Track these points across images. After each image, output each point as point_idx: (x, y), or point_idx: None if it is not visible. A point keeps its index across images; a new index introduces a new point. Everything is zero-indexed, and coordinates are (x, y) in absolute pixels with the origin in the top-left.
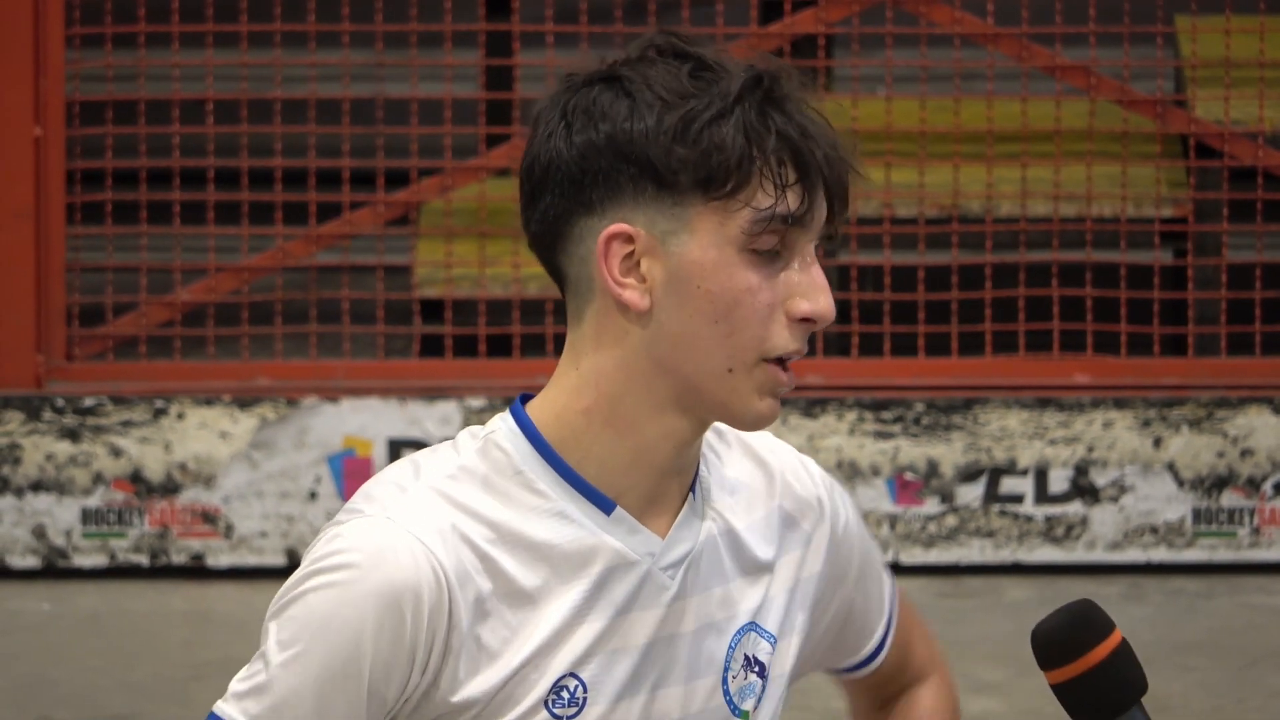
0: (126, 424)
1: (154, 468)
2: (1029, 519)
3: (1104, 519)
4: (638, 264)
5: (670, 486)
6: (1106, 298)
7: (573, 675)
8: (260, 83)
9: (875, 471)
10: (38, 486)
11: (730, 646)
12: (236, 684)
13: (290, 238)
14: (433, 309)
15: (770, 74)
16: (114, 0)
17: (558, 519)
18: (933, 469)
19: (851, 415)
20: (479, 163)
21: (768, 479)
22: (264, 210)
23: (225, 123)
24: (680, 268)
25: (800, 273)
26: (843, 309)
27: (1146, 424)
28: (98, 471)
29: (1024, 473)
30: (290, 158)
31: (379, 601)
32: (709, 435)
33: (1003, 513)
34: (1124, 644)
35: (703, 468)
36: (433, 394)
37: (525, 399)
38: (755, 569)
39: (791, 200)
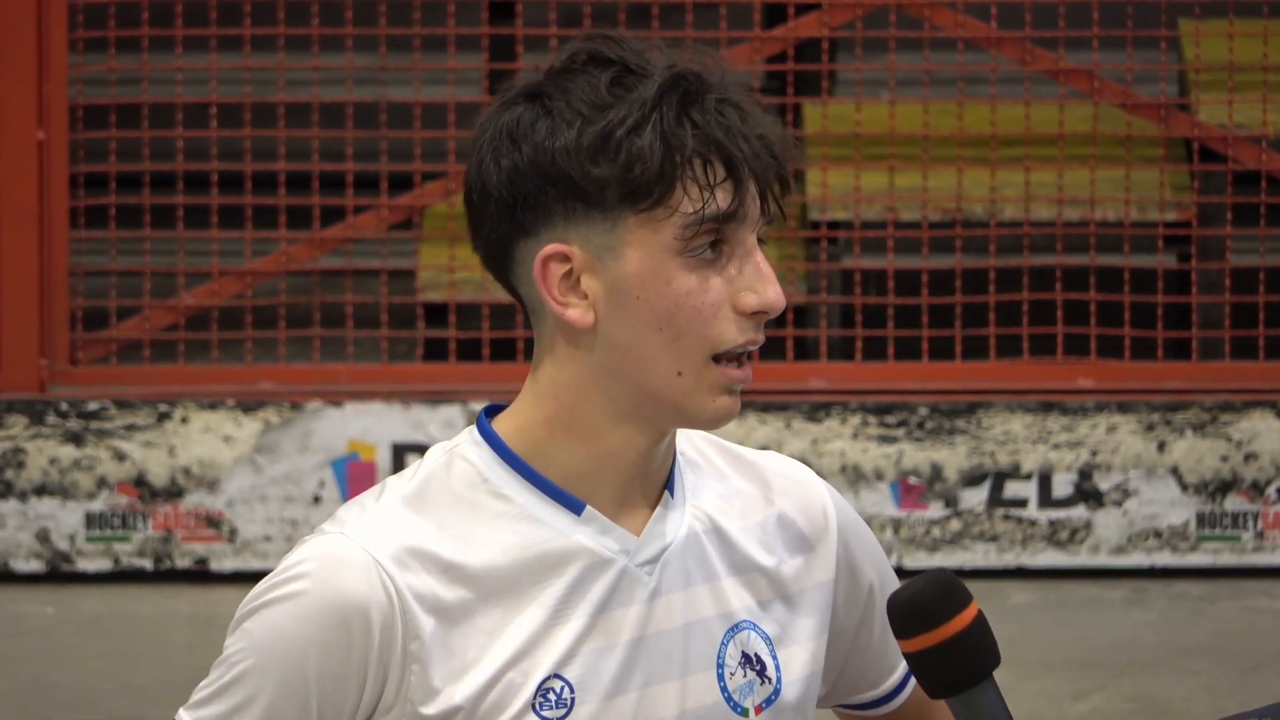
0: (130, 428)
1: (158, 472)
2: (1033, 523)
3: (1108, 523)
4: (577, 281)
5: (640, 487)
6: (1110, 302)
7: (557, 676)
8: (264, 86)
9: (879, 476)
10: (41, 490)
11: (723, 643)
12: (196, 692)
13: (294, 241)
14: (436, 313)
15: (690, 72)
16: (117, 4)
17: (527, 522)
18: (936, 473)
19: (855, 419)
20: None
21: (765, 490)
22: (267, 214)
23: (229, 127)
24: (618, 281)
25: (744, 266)
26: (846, 313)
27: (1150, 428)
28: (101, 475)
29: (1028, 477)
30: (294, 161)
31: (326, 619)
32: (706, 447)
33: (1006, 517)
34: (980, 617)
35: (688, 472)
36: (436, 398)
37: (492, 411)
38: (750, 569)
39: (721, 198)
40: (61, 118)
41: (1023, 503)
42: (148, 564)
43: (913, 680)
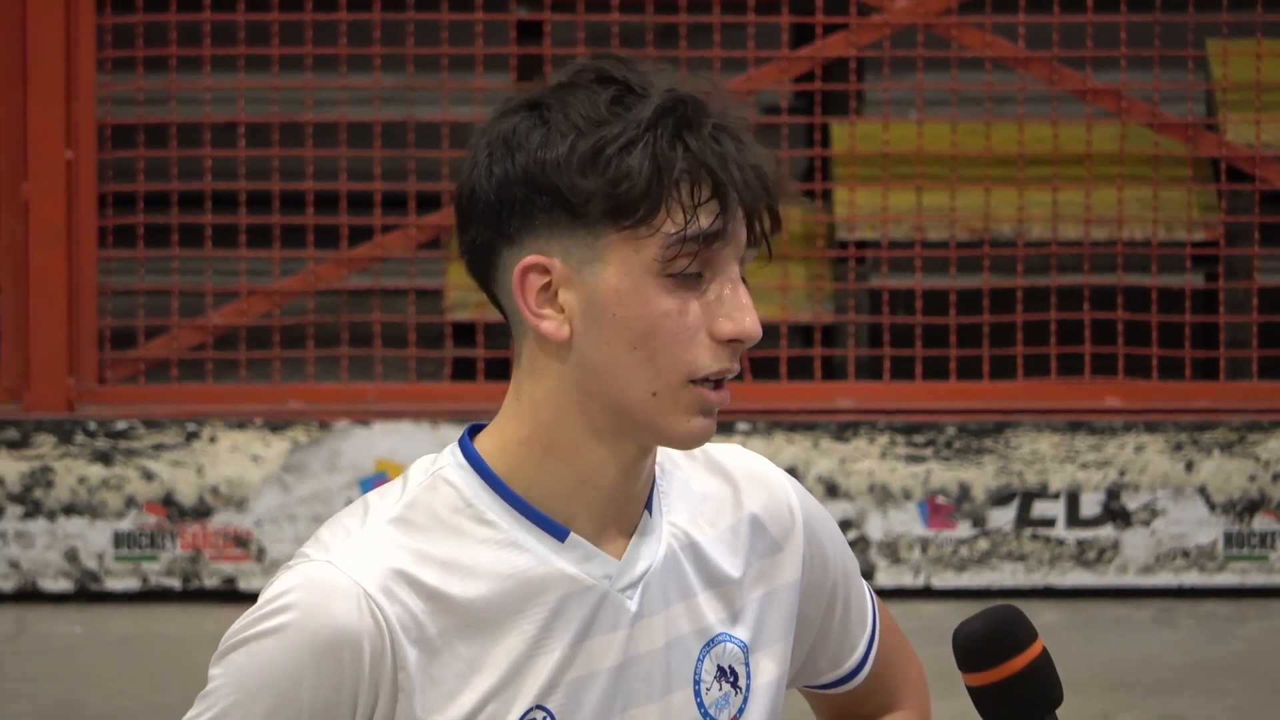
0: (158, 447)
1: (186, 491)
2: (1060, 543)
3: (1135, 543)
4: (555, 294)
5: (623, 507)
6: (1138, 321)
7: (540, 708)
8: (292, 106)
9: (907, 495)
10: (70, 510)
11: (699, 659)
12: None
13: (322, 261)
14: (464, 332)
15: (689, 97)
16: (145, 24)
17: (510, 549)
18: (964, 492)
19: (883, 439)
20: None
21: (733, 490)
22: (295, 233)
23: (256, 146)
24: (596, 296)
25: (724, 293)
26: (874, 333)
27: (1178, 448)
28: (130, 495)
29: (1055, 496)
30: (322, 181)
31: (317, 650)
32: (673, 450)
33: (1034, 536)
34: (1044, 654)
35: (662, 483)
36: (464, 417)
37: (474, 430)
38: (722, 580)
39: (704, 221)
40: (90, 137)
41: (1050, 522)
42: (176, 583)
43: (872, 657)
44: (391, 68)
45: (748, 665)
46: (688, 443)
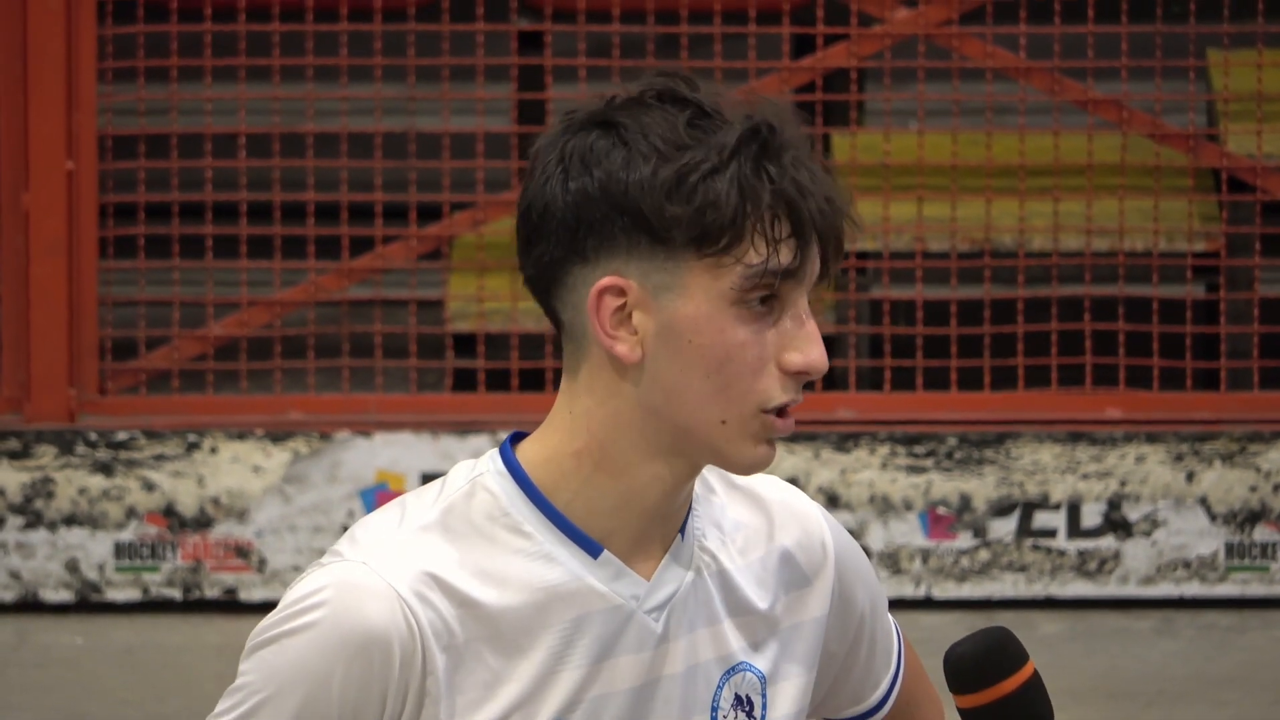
0: (159, 458)
1: (187, 502)
2: (1061, 553)
3: (1136, 553)
4: (630, 316)
5: (659, 529)
6: (1139, 332)
7: None
8: (292, 117)
9: (908, 506)
10: (71, 520)
11: (719, 686)
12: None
13: (322, 271)
14: (465, 343)
15: (768, 124)
16: (147, 34)
17: (543, 561)
18: (965, 503)
19: (884, 449)
20: (511, 196)
21: (767, 521)
22: (296, 244)
23: (257, 157)
24: (672, 322)
25: (793, 325)
26: (875, 343)
27: (1179, 458)
28: (130, 505)
29: (1056, 507)
30: (322, 191)
31: (348, 650)
32: (708, 475)
33: (1035, 547)
34: (1035, 676)
35: (697, 508)
36: (465, 428)
37: (516, 438)
38: (748, 610)
39: (784, 255)
40: (90, 148)
41: (1051, 533)
42: (177, 594)
43: (894, 695)
44: (392, 78)
45: (764, 696)
46: (750, 469)
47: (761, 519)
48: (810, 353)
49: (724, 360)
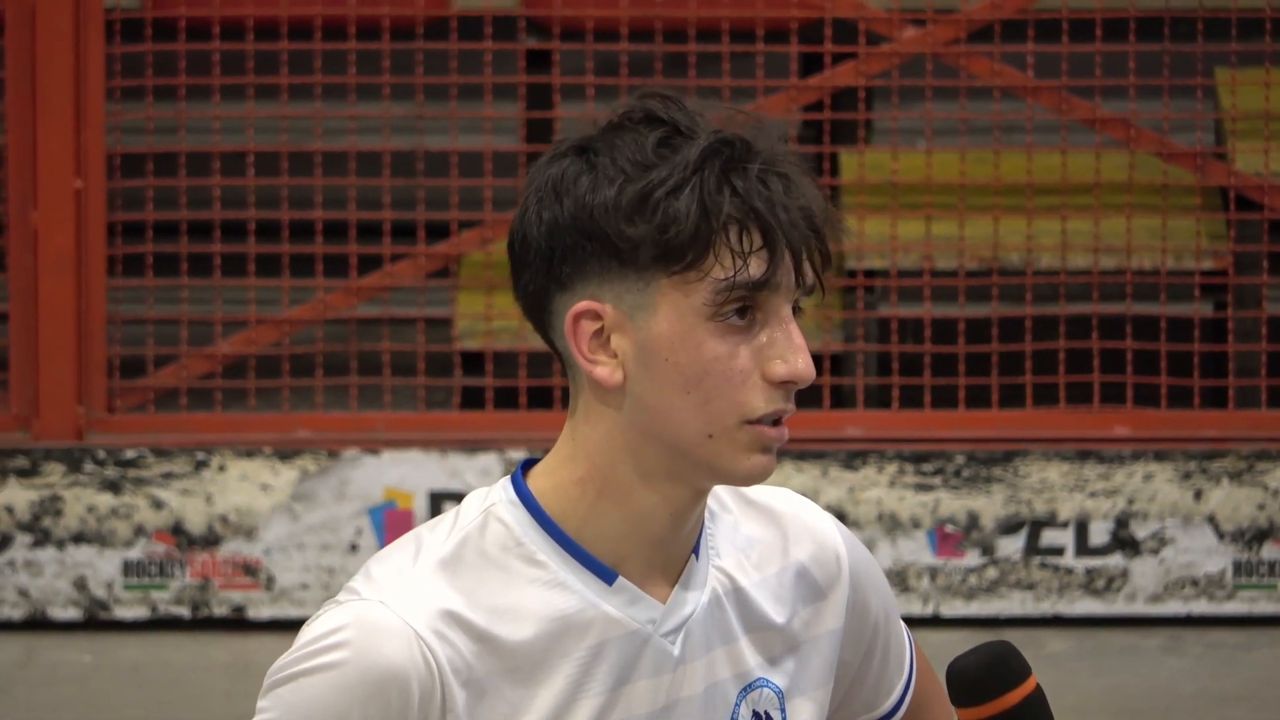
0: (167, 476)
1: (195, 520)
2: (1069, 571)
3: (1144, 571)
4: (608, 340)
5: (670, 552)
6: (1146, 350)
7: None
8: (301, 135)
9: (916, 524)
10: (79, 538)
11: (737, 703)
12: None
13: (331, 290)
14: (473, 361)
15: (736, 138)
16: (155, 53)
17: (558, 590)
18: (973, 521)
19: (892, 467)
20: None
21: (781, 536)
22: (304, 262)
23: (266, 175)
24: (648, 342)
25: (775, 335)
26: (883, 361)
27: (1187, 476)
28: (139, 523)
29: (1064, 525)
30: (331, 210)
31: (367, 688)
32: (721, 491)
33: (1043, 565)
34: (1038, 690)
35: (710, 527)
36: (473, 446)
37: (527, 465)
38: (765, 626)
39: (755, 267)
40: (99, 166)
41: (1059, 551)
42: (185, 612)
43: (907, 701)
44: (400, 97)
45: (783, 711)
46: (749, 480)
47: (776, 533)
48: (794, 361)
49: (702, 375)
